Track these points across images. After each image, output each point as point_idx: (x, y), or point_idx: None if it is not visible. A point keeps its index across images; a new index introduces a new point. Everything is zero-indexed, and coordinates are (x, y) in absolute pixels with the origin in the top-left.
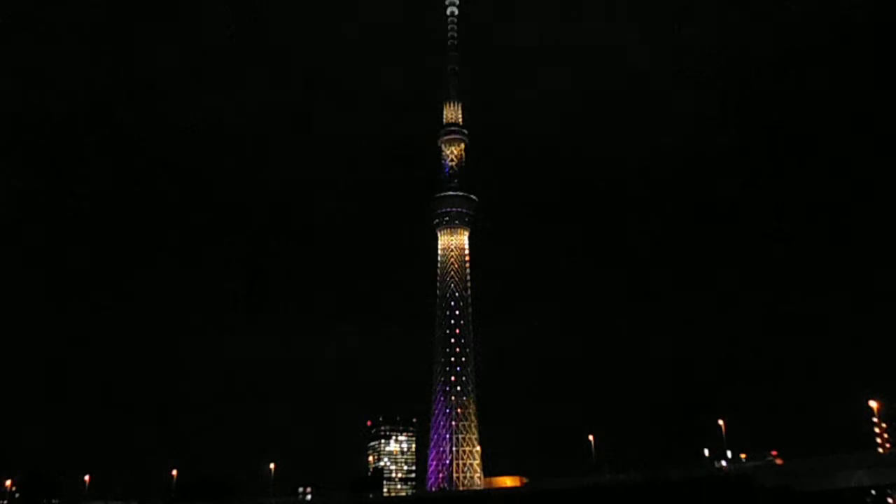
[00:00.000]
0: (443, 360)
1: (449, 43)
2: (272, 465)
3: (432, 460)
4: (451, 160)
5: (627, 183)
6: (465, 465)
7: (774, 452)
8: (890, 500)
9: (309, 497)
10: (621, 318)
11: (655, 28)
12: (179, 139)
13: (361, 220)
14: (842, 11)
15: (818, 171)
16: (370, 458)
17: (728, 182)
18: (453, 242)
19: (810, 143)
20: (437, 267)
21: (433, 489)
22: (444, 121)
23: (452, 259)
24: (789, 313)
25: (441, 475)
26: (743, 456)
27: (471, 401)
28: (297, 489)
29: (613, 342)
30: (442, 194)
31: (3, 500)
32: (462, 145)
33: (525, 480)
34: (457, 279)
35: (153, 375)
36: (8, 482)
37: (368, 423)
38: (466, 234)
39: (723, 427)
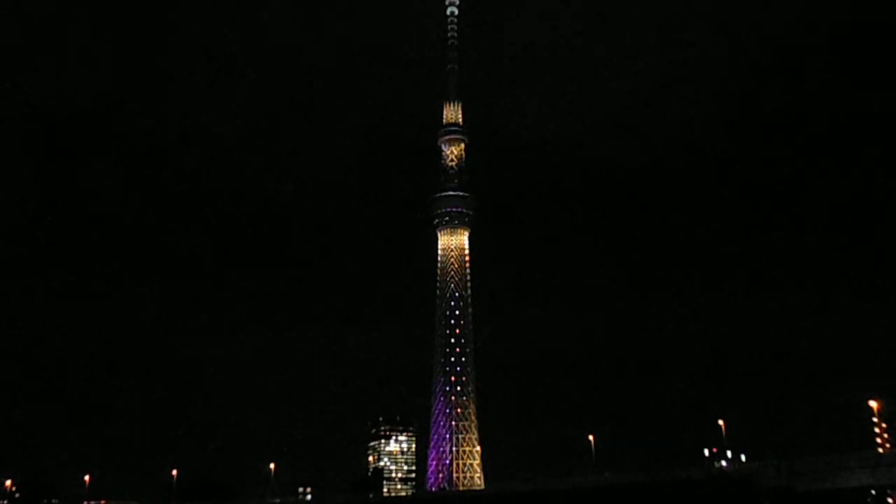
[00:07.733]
0: (443, 360)
1: (449, 43)
2: (272, 465)
3: (432, 460)
4: (451, 160)
5: (627, 182)
6: (465, 465)
7: None
8: (890, 500)
9: (309, 497)
10: (622, 319)
11: (655, 28)
12: (178, 140)
13: (361, 219)
14: (839, 11)
15: (817, 171)
16: (370, 458)
17: (727, 182)
18: (453, 242)
19: (809, 143)
20: (437, 267)
21: (433, 489)
22: (444, 121)
23: (452, 259)
24: (790, 313)
25: (441, 475)
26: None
27: (471, 401)
28: (297, 489)
29: (614, 342)
30: (442, 194)
31: (3, 500)
32: (462, 145)
33: None
34: (457, 279)
35: (153, 376)
36: (8, 482)
37: (368, 423)
38: (466, 234)
39: (723, 427)
